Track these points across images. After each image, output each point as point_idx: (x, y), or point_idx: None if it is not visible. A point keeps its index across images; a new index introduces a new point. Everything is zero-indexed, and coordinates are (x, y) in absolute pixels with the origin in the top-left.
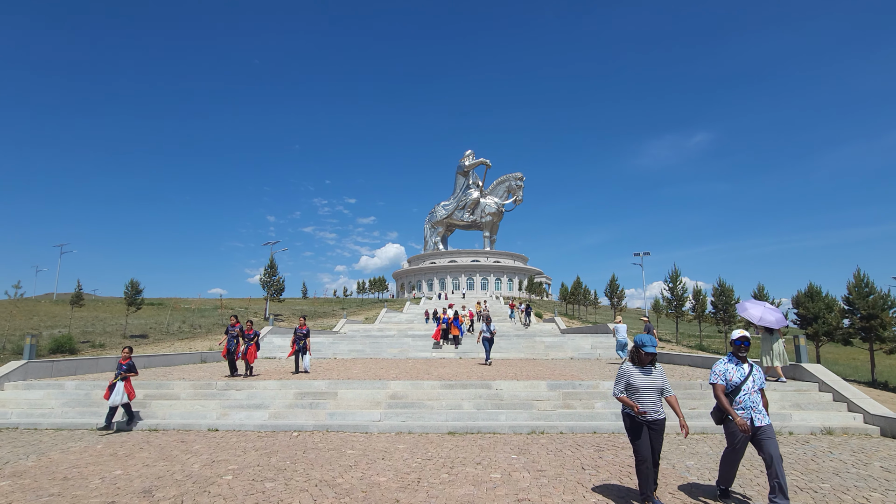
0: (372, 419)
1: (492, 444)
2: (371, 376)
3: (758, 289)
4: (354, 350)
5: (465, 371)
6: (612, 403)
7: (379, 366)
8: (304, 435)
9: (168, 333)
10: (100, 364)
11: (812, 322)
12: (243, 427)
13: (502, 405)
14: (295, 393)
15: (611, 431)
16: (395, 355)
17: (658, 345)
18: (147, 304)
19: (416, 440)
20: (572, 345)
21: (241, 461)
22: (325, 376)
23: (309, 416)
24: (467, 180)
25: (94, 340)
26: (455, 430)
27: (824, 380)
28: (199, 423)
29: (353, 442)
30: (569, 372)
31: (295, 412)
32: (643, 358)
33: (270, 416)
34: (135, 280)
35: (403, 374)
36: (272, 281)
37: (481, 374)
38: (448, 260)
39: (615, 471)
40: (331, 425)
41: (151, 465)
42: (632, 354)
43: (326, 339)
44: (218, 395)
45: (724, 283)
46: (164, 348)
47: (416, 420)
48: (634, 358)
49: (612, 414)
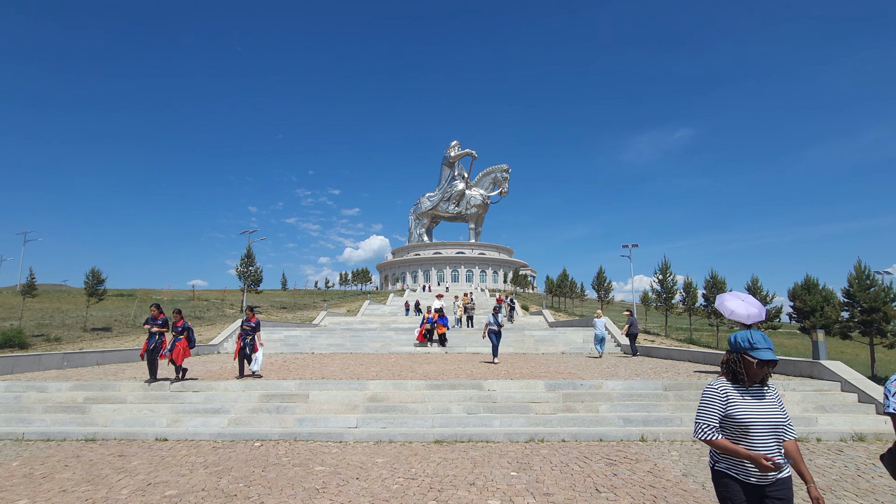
0: (347, 425)
1: (486, 455)
2: (349, 374)
3: (752, 281)
4: (334, 344)
5: (452, 368)
6: (619, 406)
7: (359, 361)
8: (267, 445)
9: (134, 326)
10: (42, 361)
11: (809, 315)
12: (197, 435)
13: (496, 408)
14: (260, 395)
15: (619, 439)
16: (376, 350)
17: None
18: (116, 296)
19: (398, 451)
20: (563, 339)
21: (184, 484)
22: (296, 375)
23: (275, 421)
24: (452, 171)
25: (50, 334)
26: (443, 437)
27: (847, 378)
28: (145, 432)
29: (324, 454)
30: (565, 369)
31: (259, 418)
32: (754, 371)
33: (230, 423)
34: (96, 269)
35: (385, 371)
36: (249, 271)
37: (471, 373)
38: (433, 252)
39: (636, 494)
40: (299, 433)
41: (70, 492)
42: (729, 364)
43: (304, 332)
44: (171, 398)
45: (716, 275)
46: (128, 342)
47: (399, 426)
48: (734, 369)
49: (620, 419)
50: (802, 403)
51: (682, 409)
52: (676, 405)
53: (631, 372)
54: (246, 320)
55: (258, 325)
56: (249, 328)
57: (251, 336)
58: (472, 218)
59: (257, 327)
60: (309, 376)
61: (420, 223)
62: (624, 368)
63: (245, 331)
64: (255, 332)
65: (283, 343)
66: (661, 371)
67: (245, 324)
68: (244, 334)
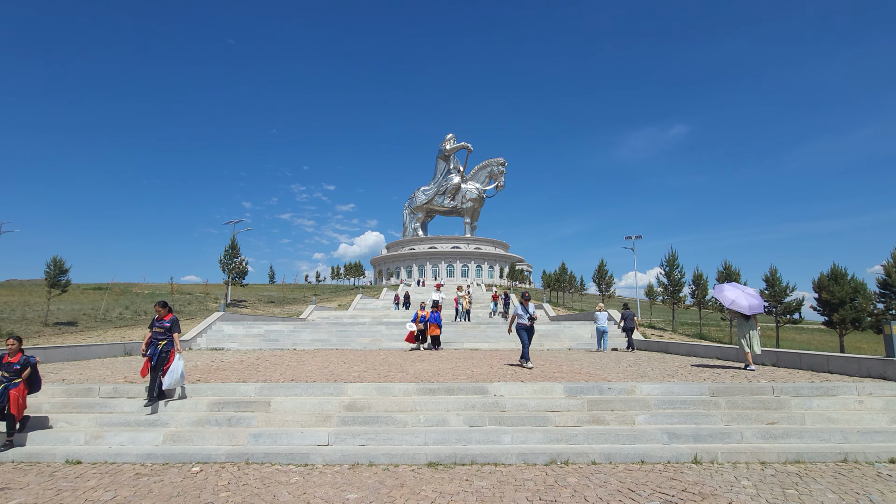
0: (316, 442)
1: (496, 486)
2: (326, 375)
3: (770, 272)
4: (318, 340)
5: (449, 367)
6: (660, 416)
7: (343, 359)
8: (207, 471)
9: (104, 321)
10: None
11: (838, 308)
12: (120, 457)
13: (505, 419)
14: (210, 403)
15: (665, 461)
16: (365, 346)
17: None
18: (93, 289)
19: (380, 480)
20: (569, 333)
21: None
22: (262, 376)
23: (224, 437)
24: (448, 165)
25: (3, 328)
26: (438, 459)
27: None
28: (53, 452)
29: (280, 487)
30: (580, 368)
31: (204, 432)
32: None
33: (166, 440)
34: (58, 257)
35: (370, 371)
36: (234, 263)
37: (472, 373)
38: (428, 246)
39: None
40: (253, 453)
41: None
42: None
43: (286, 326)
44: (98, 406)
45: (729, 265)
46: (92, 338)
47: (382, 443)
48: None
49: (663, 433)
50: (888, 412)
51: (738, 419)
52: (730, 415)
53: (661, 372)
54: (157, 319)
55: (175, 324)
56: (162, 330)
57: (165, 341)
58: (468, 212)
59: (174, 328)
60: (278, 378)
61: (415, 217)
62: (650, 367)
63: (156, 334)
64: (170, 336)
65: (263, 338)
66: (696, 371)
67: (156, 324)
68: (154, 339)
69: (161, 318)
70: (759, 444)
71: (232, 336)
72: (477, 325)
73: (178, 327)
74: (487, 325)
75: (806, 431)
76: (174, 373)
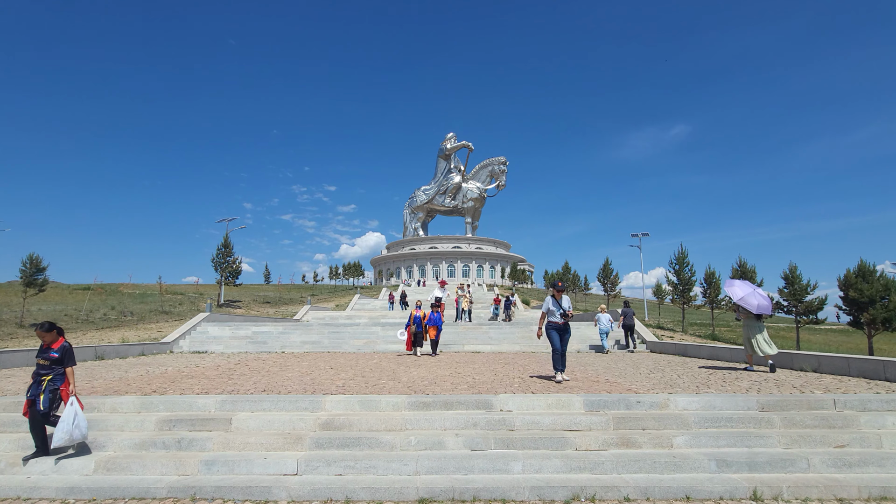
0: (282, 471)
1: None
2: (305, 384)
3: (789, 269)
4: (309, 342)
5: (448, 374)
6: (703, 438)
7: (331, 363)
8: None
9: (87, 322)
10: None
11: (867, 307)
12: (37, 490)
13: (514, 441)
14: (158, 419)
15: (717, 497)
16: (358, 348)
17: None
18: (82, 290)
19: None
20: (577, 334)
21: None
22: (229, 386)
23: (170, 464)
24: (449, 164)
25: None
26: (433, 494)
27: None
28: None
29: None
30: (596, 374)
31: (147, 458)
32: None
33: (98, 467)
34: (35, 255)
35: (357, 378)
36: (227, 262)
37: (473, 381)
38: (428, 246)
39: None
40: (202, 486)
41: None
42: None
43: (277, 327)
44: (25, 423)
45: (744, 262)
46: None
47: (362, 472)
48: None
49: (710, 459)
50: None
51: (799, 441)
52: (788, 436)
53: (691, 380)
54: (43, 347)
55: (67, 355)
56: (48, 362)
57: (50, 376)
58: (469, 212)
59: (65, 359)
60: (250, 388)
61: (415, 217)
62: (674, 373)
63: (41, 367)
64: (59, 370)
65: (250, 341)
66: (729, 378)
67: (41, 355)
68: (38, 373)
69: (47, 344)
70: (831, 475)
71: (217, 338)
72: (478, 326)
73: (72, 359)
74: (489, 325)
75: (887, 457)
76: (65, 423)
